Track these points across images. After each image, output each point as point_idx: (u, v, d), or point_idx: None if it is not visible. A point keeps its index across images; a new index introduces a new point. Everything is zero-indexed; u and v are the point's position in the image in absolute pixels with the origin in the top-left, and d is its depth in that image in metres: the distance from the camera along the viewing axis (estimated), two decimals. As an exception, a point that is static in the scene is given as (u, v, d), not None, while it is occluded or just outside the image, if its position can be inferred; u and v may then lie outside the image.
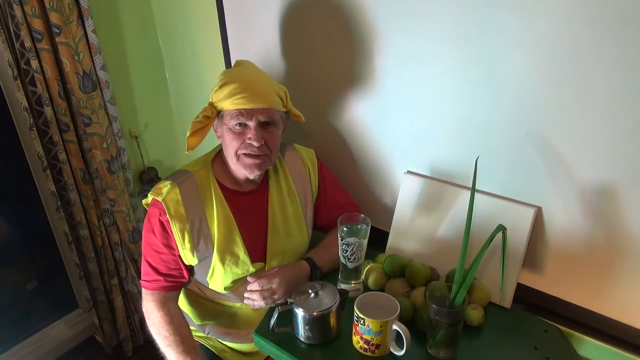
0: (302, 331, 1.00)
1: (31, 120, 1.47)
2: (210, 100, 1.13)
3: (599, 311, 1.03)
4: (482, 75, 1.01)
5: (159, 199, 1.12)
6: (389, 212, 1.27)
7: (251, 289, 1.12)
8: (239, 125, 1.09)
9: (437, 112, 1.13)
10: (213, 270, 1.16)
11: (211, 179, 1.17)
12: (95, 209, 1.69)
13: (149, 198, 1.16)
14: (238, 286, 1.19)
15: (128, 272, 1.85)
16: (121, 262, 1.82)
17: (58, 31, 1.39)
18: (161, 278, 1.16)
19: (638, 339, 0.99)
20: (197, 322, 1.28)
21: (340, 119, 1.35)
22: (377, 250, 1.25)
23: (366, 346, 0.95)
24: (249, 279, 1.14)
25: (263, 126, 1.11)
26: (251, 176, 1.15)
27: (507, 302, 1.08)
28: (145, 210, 1.20)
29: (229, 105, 1.07)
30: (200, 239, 1.14)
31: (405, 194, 1.23)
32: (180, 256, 1.15)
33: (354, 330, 0.97)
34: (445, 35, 1.04)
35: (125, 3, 1.66)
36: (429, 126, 1.16)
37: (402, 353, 0.94)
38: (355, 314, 0.94)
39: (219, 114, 1.13)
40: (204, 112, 1.11)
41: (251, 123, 1.08)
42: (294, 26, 1.32)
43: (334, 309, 0.98)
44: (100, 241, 1.74)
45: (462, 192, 1.13)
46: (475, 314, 1.02)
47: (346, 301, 1.03)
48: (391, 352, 0.96)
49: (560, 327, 1.05)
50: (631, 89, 0.85)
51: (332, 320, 0.99)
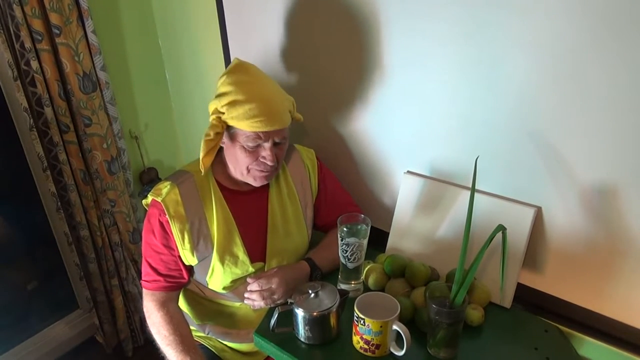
0: (303, 331, 1.00)
1: (31, 120, 1.47)
2: (212, 108, 1.09)
3: (599, 311, 1.03)
4: (483, 75, 1.01)
5: (159, 200, 1.12)
6: (389, 212, 1.27)
7: (251, 289, 1.12)
8: (254, 144, 1.09)
9: (438, 112, 1.13)
10: (212, 270, 1.16)
11: (210, 180, 1.17)
12: (95, 210, 1.69)
13: (149, 199, 1.16)
14: (237, 286, 1.19)
15: (128, 273, 1.85)
16: (121, 263, 1.82)
17: (58, 32, 1.39)
18: (161, 278, 1.16)
19: (638, 339, 0.99)
20: (197, 322, 1.29)
21: (340, 119, 1.35)
22: (377, 250, 1.25)
23: (366, 346, 0.95)
24: (249, 280, 1.14)
25: (276, 144, 1.11)
26: (258, 185, 1.16)
27: (507, 302, 1.08)
28: (145, 210, 1.20)
29: (246, 127, 1.05)
30: (200, 239, 1.14)
31: (405, 194, 1.23)
32: (180, 256, 1.15)
33: (354, 330, 0.97)
34: (445, 35, 1.04)
35: (125, 4, 1.66)
36: (429, 126, 1.16)
37: (402, 353, 0.94)
38: (355, 314, 0.94)
39: (230, 130, 1.10)
40: (215, 129, 1.08)
41: (267, 144, 1.09)
42: (294, 26, 1.32)
43: (334, 309, 0.98)
44: (100, 242, 1.74)
45: (462, 192, 1.13)
46: (475, 314, 1.02)
47: (346, 301, 1.03)
48: (391, 352, 0.96)
49: (560, 327, 1.05)
50: (632, 89, 0.85)
51: (332, 320, 0.99)
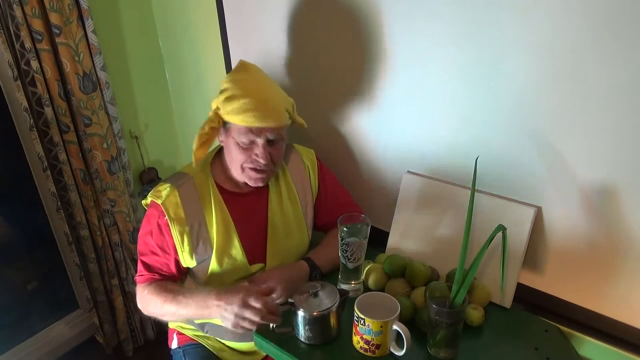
0: (303, 331, 1.00)
1: (31, 120, 1.47)
2: (214, 106, 1.11)
3: (600, 311, 1.03)
4: (483, 75, 1.01)
5: (158, 202, 1.12)
6: (389, 212, 1.27)
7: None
8: (247, 140, 1.09)
9: (438, 112, 1.13)
10: (211, 272, 1.16)
11: (210, 182, 1.17)
12: (95, 210, 1.69)
13: (148, 199, 1.16)
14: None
15: (128, 273, 1.85)
16: (121, 263, 1.82)
17: (58, 32, 1.39)
18: (155, 275, 1.17)
19: (638, 339, 0.99)
20: (197, 321, 1.28)
21: (340, 119, 1.35)
22: (377, 250, 1.25)
23: (366, 346, 0.95)
24: (247, 282, 1.14)
25: (270, 142, 1.11)
26: (254, 186, 1.16)
27: (508, 302, 1.08)
28: (145, 211, 1.20)
29: (239, 121, 1.05)
30: (199, 242, 1.14)
31: (405, 194, 1.23)
32: (176, 260, 1.15)
33: (354, 330, 0.97)
34: (445, 35, 1.04)
35: (125, 3, 1.66)
36: (430, 126, 1.16)
37: (403, 353, 0.94)
38: (355, 314, 0.94)
39: (226, 125, 1.11)
40: (211, 124, 1.09)
41: (260, 140, 1.08)
42: (294, 26, 1.32)
43: (334, 309, 0.98)
44: (100, 241, 1.74)
45: (462, 192, 1.13)
46: (475, 314, 1.02)
47: (346, 301, 1.03)
48: (391, 352, 0.96)
49: (560, 327, 1.05)
50: (632, 89, 0.85)
51: (333, 320, 0.99)
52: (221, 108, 1.07)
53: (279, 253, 1.22)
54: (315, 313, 0.97)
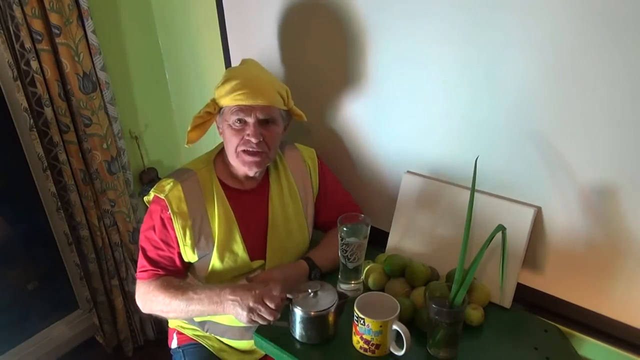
0: (298, 329, 0.99)
1: (31, 121, 1.47)
2: (213, 96, 1.14)
3: (599, 311, 1.03)
4: (482, 75, 1.01)
5: (162, 196, 1.12)
6: (389, 212, 1.27)
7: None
8: (239, 121, 1.10)
9: (437, 112, 1.13)
10: (212, 267, 1.17)
11: (213, 178, 1.18)
12: (95, 210, 1.69)
13: (151, 195, 1.16)
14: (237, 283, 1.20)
15: (128, 273, 1.85)
16: (121, 263, 1.82)
17: (58, 32, 1.39)
18: (158, 269, 1.15)
19: (638, 339, 0.99)
20: (197, 320, 1.28)
21: (340, 119, 1.35)
22: (377, 250, 1.25)
23: (366, 346, 0.95)
24: (247, 278, 1.15)
25: (262, 124, 1.11)
26: (250, 173, 1.15)
27: (507, 302, 1.08)
28: (146, 210, 1.20)
29: (229, 101, 1.08)
30: (201, 237, 1.14)
31: (405, 194, 1.23)
32: (179, 253, 1.15)
33: (354, 330, 0.97)
34: (445, 34, 1.04)
35: (125, 4, 1.66)
36: (429, 126, 1.16)
37: (402, 353, 0.94)
38: (355, 314, 0.94)
39: (221, 111, 1.14)
40: (206, 108, 1.13)
41: (250, 120, 1.09)
42: (294, 26, 1.32)
43: (332, 311, 0.98)
44: (100, 242, 1.74)
45: (462, 192, 1.13)
46: (475, 314, 1.02)
47: (345, 305, 1.02)
48: (391, 352, 0.96)
49: (560, 327, 1.05)
50: (631, 89, 0.85)
51: (329, 321, 0.99)
52: (216, 94, 1.12)
53: (279, 250, 1.22)
54: (312, 313, 0.97)
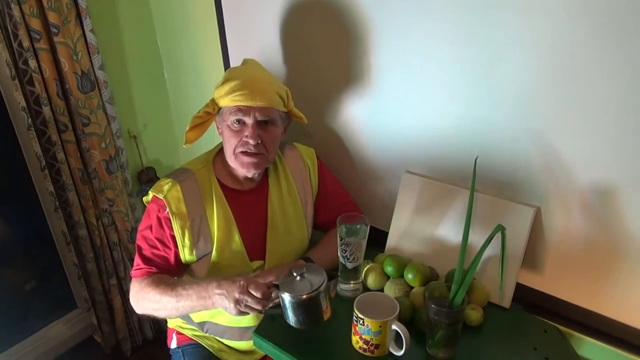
0: (290, 315, 0.97)
1: (29, 120, 1.47)
2: (213, 96, 1.14)
3: (598, 311, 1.03)
4: (482, 75, 1.01)
5: (160, 196, 1.12)
6: (389, 212, 1.27)
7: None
8: (238, 122, 1.10)
9: (437, 112, 1.13)
10: (210, 268, 1.16)
11: (212, 178, 1.17)
12: (93, 209, 1.69)
13: (150, 195, 1.16)
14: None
15: (126, 272, 1.85)
16: (120, 262, 1.82)
17: (56, 31, 1.39)
18: (152, 267, 1.15)
19: (637, 339, 1.00)
20: (196, 320, 1.28)
21: (340, 119, 1.34)
22: (377, 250, 1.25)
23: (365, 346, 0.95)
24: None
25: (261, 125, 1.11)
26: (249, 174, 1.15)
27: (507, 302, 1.08)
28: (144, 209, 1.20)
29: (228, 101, 1.08)
30: (200, 237, 1.14)
31: (404, 194, 1.23)
32: (176, 253, 1.15)
33: (354, 330, 0.97)
34: (444, 34, 1.03)
35: (123, 3, 1.65)
36: (429, 126, 1.16)
37: (402, 353, 0.94)
38: (354, 314, 0.94)
39: (220, 111, 1.14)
40: (205, 108, 1.13)
41: (249, 120, 1.09)
42: (293, 26, 1.32)
43: (321, 291, 0.94)
44: (98, 241, 1.74)
45: (462, 192, 1.13)
46: (474, 314, 1.02)
47: (336, 283, 1.01)
48: (390, 352, 0.96)
49: (559, 327, 1.05)
50: (631, 89, 0.85)
51: (320, 303, 0.95)
52: (215, 94, 1.11)
53: (279, 250, 1.22)
54: (303, 296, 0.93)
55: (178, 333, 1.34)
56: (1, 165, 1.65)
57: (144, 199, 1.20)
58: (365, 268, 1.16)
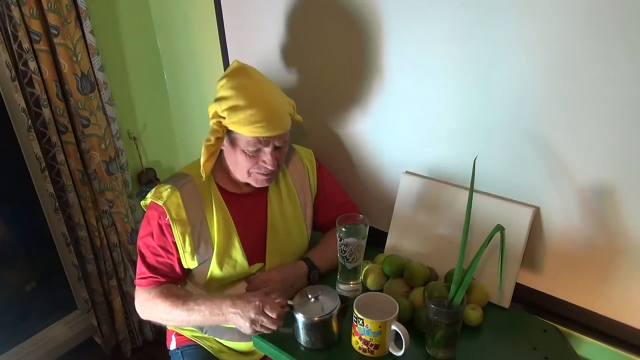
0: (303, 336, 0.99)
1: (29, 121, 1.47)
2: (212, 111, 1.08)
3: (598, 311, 1.03)
4: (481, 75, 1.02)
5: (160, 203, 1.11)
6: (388, 212, 1.27)
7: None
8: (255, 149, 1.09)
9: (436, 113, 1.13)
10: (211, 273, 1.16)
11: (211, 183, 1.17)
12: (93, 210, 1.69)
13: (148, 200, 1.15)
14: (236, 287, 1.19)
15: (127, 273, 1.85)
16: (120, 263, 1.82)
17: (56, 32, 1.39)
18: (157, 276, 1.15)
19: (636, 338, 1.00)
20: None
21: (339, 119, 1.35)
22: (376, 250, 1.25)
23: (365, 347, 0.95)
24: (246, 282, 1.15)
25: (275, 147, 1.11)
26: (260, 186, 1.16)
27: (506, 302, 1.08)
28: (143, 211, 1.19)
29: (247, 132, 1.04)
30: (200, 243, 1.14)
31: (404, 194, 1.23)
32: (179, 259, 1.15)
33: (353, 330, 0.97)
34: (444, 35, 1.04)
35: (123, 4, 1.66)
36: (428, 126, 1.16)
37: (401, 353, 0.94)
38: (354, 315, 0.94)
39: (230, 132, 1.09)
40: (216, 134, 1.07)
41: (267, 149, 1.09)
42: (293, 27, 1.32)
43: (335, 315, 0.97)
44: (98, 242, 1.74)
45: (461, 192, 1.13)
46: (474, 314, 1.02)
47: (348, 308, 1.01)
48: (390, 353, 0.96)
49: (559, 327, 1.05)
50: (630, 89, 0.85)
51: (332, 326, 0.98)
52: (226, 118, 1.05)
53: (279, 253, 1.22)
54: (315, 318, 0.96)
55: (177, 334, 1.34)
56: (1, 166, 1.65)
57: (142, 203, 1.19)
58: (364, 268, 1.17)
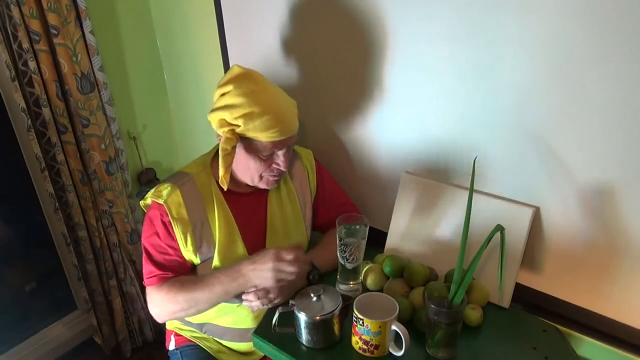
0: (304, 334, 0.99)
1: (29, 121, 1.47)
2: (225, 122, 1.06)
3: (597, 311, 1.03)
4: (481, 76, 1.02)
5: (160, 202, 1.11)
6: (388, 213, 1.27)
7: (247, 291, 1.11)
8: (270, 153, 1.10)
9: (436, 113, 1.13)
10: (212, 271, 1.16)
11: (211, 181, 1.17)
12: (93, 210, 1.69)
13: (148, 200, 1.15)
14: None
15: (126, 273, 1.85)
16: (119, 263, 1.82)
17: (56, 32, 1.39)
18: (168, 272, 1.14)
19: (636, 338, 1.00)
20: (196, 322, 1.28)
21: (338, 120, 1.35)
22: (376, 250, 1.25)
23: (365, 347, 0.95)
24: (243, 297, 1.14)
25: (287, 149, 1.13)
26: (269, 188, 1.19)
27: (506, 302, 1.08)
28: (143, 212, 1.19)
29: (264, 138, 1.06)
30: (202, 242, 1.14)
31: (403, 195, 1.23)
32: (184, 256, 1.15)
33: (353, 330, 0.97)
34: (444, 36, 1.04)
35: (123, 4, 1.66)
36: (428, 126, 1.16)
37: (401, 353, 0.94)
38: (354, 315, 0.94)
39: (242, 139, 1.09)
40: (231, 143, 1.06)
41: (281, 152, 1.11)
42: (292, 28, 1.32)
43: (336, 314, 0.97)
44: (98, 242, 1.74)
45: (461, 193, 1.13)
46: (473, 314, 1.02)
47: (349, 307, 1.01)
48: (390, 353, 0.96)
49: (558, 327, 1.05)
50: (630, 89, 0.85)
51: (334, 325, 0.98)
52: (242, 125, 1.05)
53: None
54: (317, 318, 0.96)
55: (176, 334, 1.34)
56: (1, 166, 1.65)
57: (141, 203, 1.18)
58: (364, 268, 1.17)
